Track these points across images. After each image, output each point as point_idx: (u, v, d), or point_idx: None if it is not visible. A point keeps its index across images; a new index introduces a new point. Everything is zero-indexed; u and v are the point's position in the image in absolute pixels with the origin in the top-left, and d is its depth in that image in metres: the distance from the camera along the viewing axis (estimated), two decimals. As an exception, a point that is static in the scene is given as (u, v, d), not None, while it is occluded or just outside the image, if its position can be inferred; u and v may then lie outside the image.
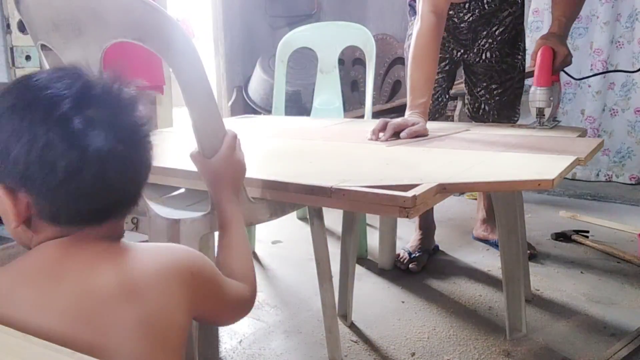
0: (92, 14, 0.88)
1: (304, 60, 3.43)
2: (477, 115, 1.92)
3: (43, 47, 1.01)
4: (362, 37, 2.13)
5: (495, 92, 1.86)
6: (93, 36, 0.89)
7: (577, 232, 2.24)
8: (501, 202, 1.48)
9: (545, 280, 1.87)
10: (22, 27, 2.61)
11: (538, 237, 2.26)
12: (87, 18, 0.89)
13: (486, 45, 1.80)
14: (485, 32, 1.78)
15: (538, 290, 1.79)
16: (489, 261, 2.04)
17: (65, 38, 0.93)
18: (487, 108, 1.89)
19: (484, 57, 1.82)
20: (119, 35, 0.88)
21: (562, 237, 2.24)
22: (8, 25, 2.60)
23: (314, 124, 1.80)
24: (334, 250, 1.54)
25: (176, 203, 1.18)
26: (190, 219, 0.99)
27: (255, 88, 3.69)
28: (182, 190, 1.26)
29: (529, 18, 3.08)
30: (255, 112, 3.58)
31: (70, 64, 0.68)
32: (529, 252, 1.95)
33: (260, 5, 3.94)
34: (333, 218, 2.04)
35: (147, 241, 1.00)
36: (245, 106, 3.72)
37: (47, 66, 1.14)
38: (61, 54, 0.97)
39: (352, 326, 1.59)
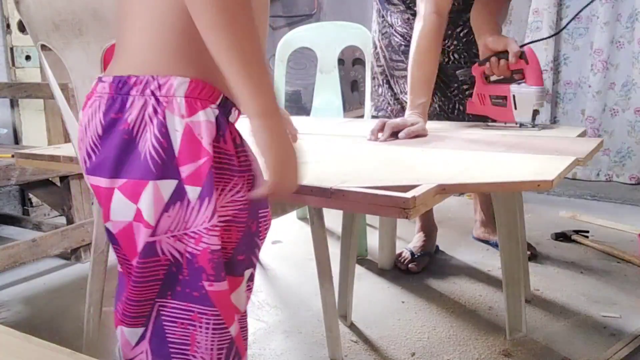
0: (92, 14, 0.88)
1: (304, 60, 3.43)
2: (453, 115, 1.91)
3: (43, 47, 1.01)
4: (361, 37, 2.13)
5: (467, 92, 1.86)
6: (93, 36, 0.90)
7: (577, 232, 2.24)
8: (501, 202, 1.48)
9: (545, 280, 1.87)
10: (22, 27, 2.61)
11: (538, 237, 2.26)
12: (87, 18, 0.89)
13: (452, 47, 1.81)
14: (449, 32, 1.78)
15: (538, 290, 1.79)
16: (489, 261, 2.04)
17: (66, 38, 0.94)
18: (461, 107, 1.89)
19: (452, 58, 1.83)
20: (119, 35, 0.88)
21: (562, 237, 2.24)
22: (8, 25, 2.61)
23: (313, 124, 1.81)
24: (334, 250, 1.54)
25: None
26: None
27: (255, 88, 3.69)
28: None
29: (529, 18, 3.08)
30: (255, 112, 3.58)
31: None
32: (529, 252, 1.95)
33: (260, 5, 3.94)
34: (333, 218, 2.04)
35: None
36: (245, 106, 3.72)
37: (47, 66, 1.14)
38: (61, 54, 0.98)
39: (352, 326, 1.59)
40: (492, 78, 1.59)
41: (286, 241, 2.33)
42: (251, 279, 0.77)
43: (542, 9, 3.06)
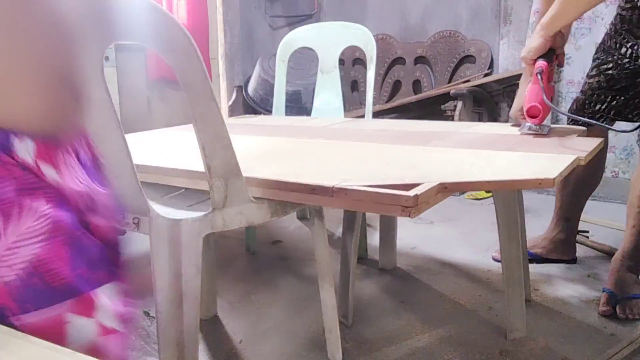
0: (93, 15, 0.88)
1: (304, 60, 3.43)
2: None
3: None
4: (362, 37, 2.13)
5: None
6: (95, 37, 0.89)
7: (577, 232, 2.24)
8: (501, 202, 1.48)
9: (545, 280, 1.87)
10: (22, 27, 2.61)
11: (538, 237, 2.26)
12: (88, 18, 0.89)
13: None
14: None
15: (538, 290, 1.79)
16: (489, 261, 2.04)
17: (66, 37, 0.93)
18: None
19: None
20: (120, 36, 0.88)
21: (562, 237, 2.23)
22: (8, 25, 2.61)
23: (314, 124, 1.81)
24: (334, 250, 1.54)
25: (177, 203, 1.18)
26: (192, 218, 0.99)
27: (255, 88, 3.69)
28: (183, 190, 1.26)
29: (530, 18, 3.09)
30: (255, 112, 3.58)
31: None
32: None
33: (260, 5, 3.94)
34: (333, 218, 2.04)
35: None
36: (245, 106, 3.72)
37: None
38: (62, 54, 0.97)
39: (352, 326, 1.59)
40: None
41: (286, 241, 2.33)
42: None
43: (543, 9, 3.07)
